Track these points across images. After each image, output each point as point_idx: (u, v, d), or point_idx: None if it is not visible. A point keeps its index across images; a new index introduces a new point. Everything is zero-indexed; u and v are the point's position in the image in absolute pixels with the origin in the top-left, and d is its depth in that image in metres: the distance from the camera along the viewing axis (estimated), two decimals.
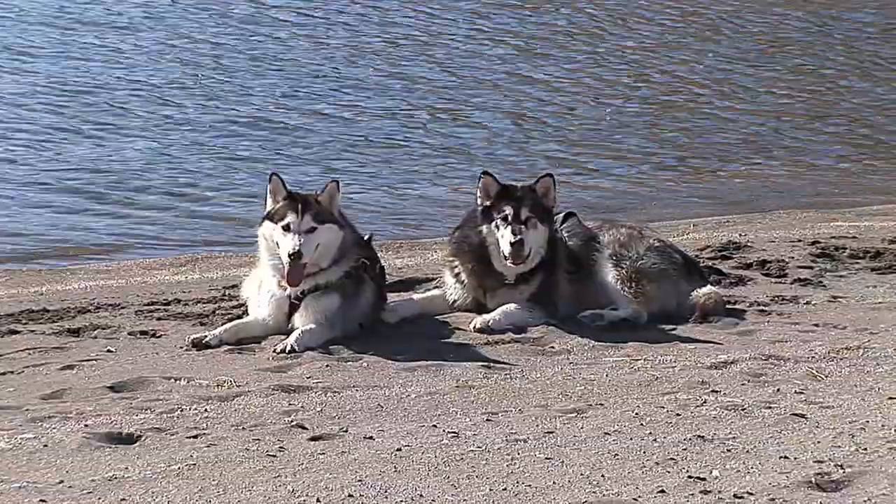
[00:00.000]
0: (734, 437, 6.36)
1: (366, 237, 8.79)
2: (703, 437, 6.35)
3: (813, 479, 5.76)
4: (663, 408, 6.88)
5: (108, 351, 8.08)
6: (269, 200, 8.36)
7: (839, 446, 6.21)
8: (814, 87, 20.14)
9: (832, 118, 18.55)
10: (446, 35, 21.53)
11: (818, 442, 6.29)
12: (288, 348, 7.96)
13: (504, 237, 8.68)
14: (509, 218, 8.69)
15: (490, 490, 5.67)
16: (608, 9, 24.11)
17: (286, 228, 8.18)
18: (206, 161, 14.58)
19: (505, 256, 8.69)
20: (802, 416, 6.70)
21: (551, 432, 6.45)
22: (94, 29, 19.81)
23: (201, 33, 20.47)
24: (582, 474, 5.86)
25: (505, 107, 17.80)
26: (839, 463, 5.95)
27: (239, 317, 8.61)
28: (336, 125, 16.42)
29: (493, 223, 8.76)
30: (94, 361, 7.81)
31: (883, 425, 6.53)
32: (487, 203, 8.82)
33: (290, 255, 8.09)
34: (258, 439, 6.32)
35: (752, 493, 5.61)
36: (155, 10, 21.63)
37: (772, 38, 23.01)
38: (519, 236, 8.63)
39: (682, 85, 19.78)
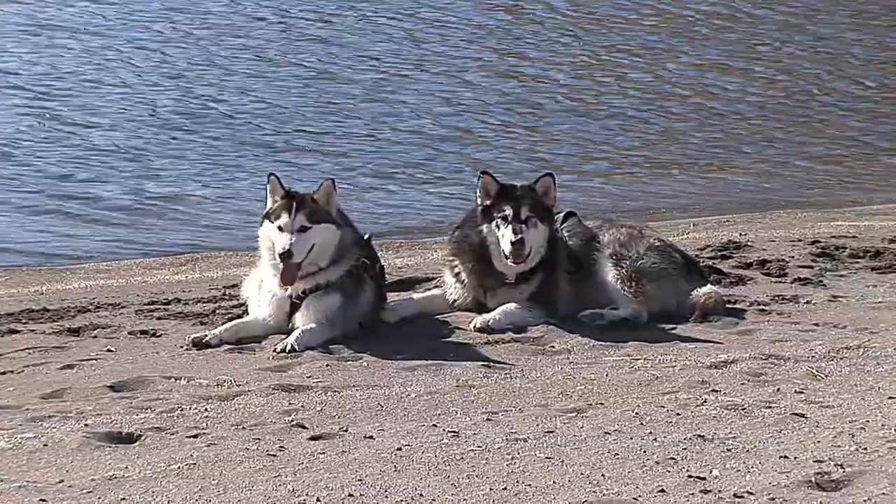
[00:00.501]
0: (734, 437, 6.36)
1: (366, 237, 8.79)
2: (703, 436, 6.35)
3: (813, 479, 5.75)
4: (663, 407, 6.88)
5: (108, 350, 8.08)
6: (269, 200, 8.37)
7: (839, 446, 6.21)
8: (815, 86, 20.14)
9: (833, 116, 18.55)
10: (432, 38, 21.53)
11: (818, 441, 6.29)
12: (288, 348, 7.96)
13: (504, 236, 8.68)
14: (509, 217, 8.69)
15: (490, 489, 5.67)
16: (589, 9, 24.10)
17: (280, 228, 8.19)
18: (209, 161, 14.60)
19: (506, 255, 8.69)
20: (802, 415, 6.70)
21: (551, 432, 6.45)
22: (71, 33, 19.79)
23: (195, 33, 20.49)
24: (582, 474, 5.86)
25: (499, 108, 17.80)
26: (839, 462, 5.95)
27: (239, 316, 8.61)
28: (338, 124, 16.43)
29: (494, 222, 8.76)
30: (94, 361, 7.81)
31: (883, 425, 6.53)
32: (487, 202, 8.82)
33: (279, 255, 8.10)
34: (258, 439, 6.32)
35: (752, 493, 5.61)
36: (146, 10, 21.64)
37: (761, 38, 22.99)
38: (520, 235, 8.63)
39: (679, 84, 19.78)
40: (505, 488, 5.69)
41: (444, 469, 5.91)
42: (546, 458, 6.06)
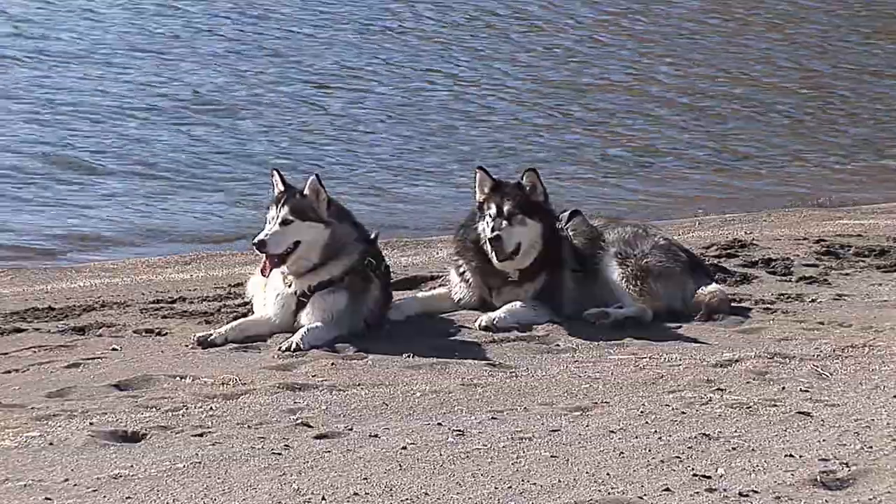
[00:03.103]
0: (739, 436, 6.36)
1: (372, 235, 8.78)
2: (708, 435, 6.35)
3: (818, 478, 5.75)
4: (668, 406, 6.88)
5: (114, 349, 8.09)
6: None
7: (844, 444, 6.20)
8: (816, 86, 20.11)
9: (835, 115, 18.53)
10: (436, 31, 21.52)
11: (823, 440, 6.28)
12: (293, 346, 7.97)
13: (484, 233, 8.69)
14: (493, 214, 8.69)
15: (495, 488, 5.67)
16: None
17: (269, 221, 8.26)
18: (213, 159, 14.62)
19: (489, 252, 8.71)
20: (808, 414, 6.70)
21: (556, 430, 6.45)
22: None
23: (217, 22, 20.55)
24: (587, 472, 5.86)
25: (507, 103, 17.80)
26: (844, 461, 5.95)
27: (244, 315, 8.61)
28: (342, 122, 16.44)
29: (484, 220, 8.76)
30: (100, 359, 7.82)
31: (888, 423, 6.52)
32: (482, 199, 8.83)
33: (253, 244, 8.18)
34: (263, 437, 6.33)
35: (757, 492, 5.61)
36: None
37: (775, 31, 22.97)
38: (497, 232, 8.62)
39: (686, 80, 19.76)
40: (510, 487, 5.69)
41: (449, 468, 5.92)
42: (551, 456, 6.06)
